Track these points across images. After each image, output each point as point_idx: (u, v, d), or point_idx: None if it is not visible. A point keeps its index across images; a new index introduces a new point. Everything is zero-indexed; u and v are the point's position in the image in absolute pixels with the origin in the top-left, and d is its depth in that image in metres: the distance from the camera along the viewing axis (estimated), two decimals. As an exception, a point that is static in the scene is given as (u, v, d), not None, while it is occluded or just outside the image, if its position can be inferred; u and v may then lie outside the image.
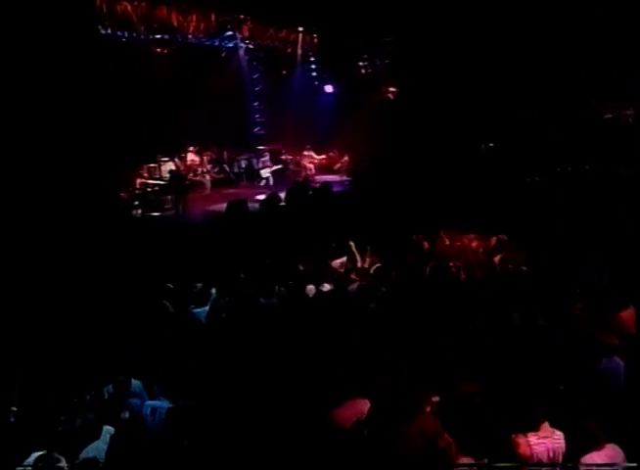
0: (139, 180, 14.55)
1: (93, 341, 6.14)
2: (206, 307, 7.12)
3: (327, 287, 7.31)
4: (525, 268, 8.40)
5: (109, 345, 5.94)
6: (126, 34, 14.52)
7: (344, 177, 17.88)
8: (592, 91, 16.44)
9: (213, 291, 7.32)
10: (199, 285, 7.49)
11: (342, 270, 8.05)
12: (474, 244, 10.01)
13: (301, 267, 8.20)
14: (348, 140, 17.88)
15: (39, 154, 7.64)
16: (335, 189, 16.12)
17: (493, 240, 9.93)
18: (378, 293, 7.05)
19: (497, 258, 8.87)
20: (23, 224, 7.07)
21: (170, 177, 14.80)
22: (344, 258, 8.48)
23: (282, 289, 7.16)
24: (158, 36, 15.68)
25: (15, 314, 6.74)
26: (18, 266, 7.05)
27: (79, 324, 6.70)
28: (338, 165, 18.81)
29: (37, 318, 6.85)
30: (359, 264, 8.12)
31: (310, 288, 7.17)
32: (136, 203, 14.32)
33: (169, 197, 14.56)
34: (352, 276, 7.72)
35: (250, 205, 14.32)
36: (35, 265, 7.31)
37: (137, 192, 14.44)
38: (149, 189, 14.59)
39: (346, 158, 18.50)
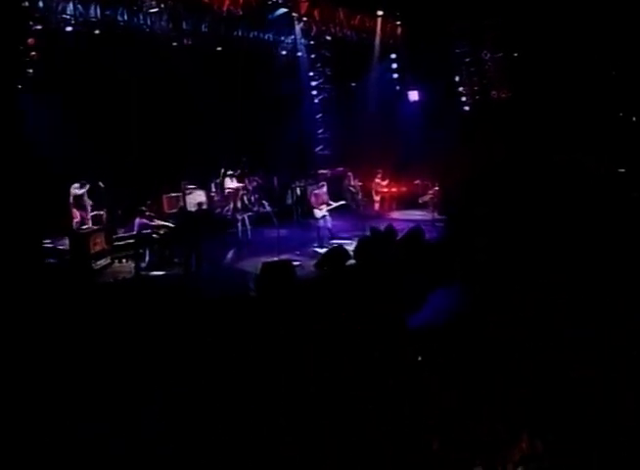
0: (138, 220, 10.11)
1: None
2: None
3: None
4: None
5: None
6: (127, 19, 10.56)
7: (435, 215, 13.11)
8: None
9: None
10: None
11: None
12: None
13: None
14: (440, 163, 14.41)
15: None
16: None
17: None
18: None
19: None
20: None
21: (179, 218, 10.50)
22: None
23: None
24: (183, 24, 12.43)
25: None
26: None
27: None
28: (425, 198, 14.90)
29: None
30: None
31: None
32: (130, 253, 10.29)
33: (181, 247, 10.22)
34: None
35: (301, 263, 9.54)
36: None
37: (131, 241, 10.13)
38: (153, 235, 10.16)
39: (437, 188, 14.55)
